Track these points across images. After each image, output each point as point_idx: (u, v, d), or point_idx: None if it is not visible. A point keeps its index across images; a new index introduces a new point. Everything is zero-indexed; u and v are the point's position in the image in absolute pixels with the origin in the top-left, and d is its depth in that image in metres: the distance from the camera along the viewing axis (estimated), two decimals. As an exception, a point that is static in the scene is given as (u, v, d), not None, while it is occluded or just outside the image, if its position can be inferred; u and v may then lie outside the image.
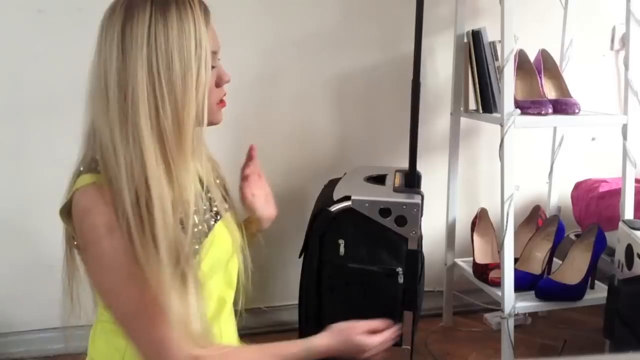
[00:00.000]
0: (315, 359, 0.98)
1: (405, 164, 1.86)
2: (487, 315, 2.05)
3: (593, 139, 2.18)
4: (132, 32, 0.85)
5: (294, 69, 1.90)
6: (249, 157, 1.15)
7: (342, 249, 1.38)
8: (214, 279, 1.00)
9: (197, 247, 0.93)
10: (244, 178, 1.13)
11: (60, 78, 1.75)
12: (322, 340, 0.98)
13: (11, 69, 1.74)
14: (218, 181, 1.08)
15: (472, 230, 1.92)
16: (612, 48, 2.13)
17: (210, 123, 0.99)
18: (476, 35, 1.72)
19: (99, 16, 0.93)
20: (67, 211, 0.90)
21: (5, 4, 1.70)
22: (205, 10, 0.92)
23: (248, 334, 1.15)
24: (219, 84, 0.97)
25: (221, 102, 0.99)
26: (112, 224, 0.83)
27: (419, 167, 1.86)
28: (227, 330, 1.07)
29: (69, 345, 1.80)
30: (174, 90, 0.85)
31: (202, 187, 1.00)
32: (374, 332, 1.01)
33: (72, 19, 1.72)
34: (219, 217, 1.01)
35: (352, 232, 1.40)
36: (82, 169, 0.91)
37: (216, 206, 1.02)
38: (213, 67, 0.93)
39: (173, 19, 0.86)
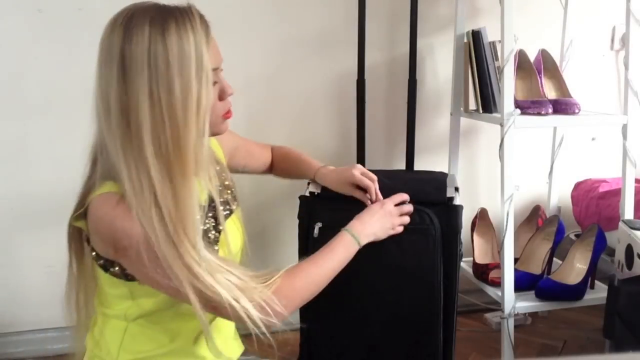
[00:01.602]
0: (359, 244, 1.13)
1: (404, 163, 1.87)
2: (487, 315, 2.06)
3: (593, 139, 2.18)
4: (132, 55, 0.84)
5: (294, 68, 1.90)
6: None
7: (316, 231, 1.35)
8: None
9: (216, 247, 0.97)
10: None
11: (60, 78, 1.75)
12: (352, 224, 1.16)
13: (11, 69, 1.74)
14: (227, 182, 1.10)
15: (472, 230, 1.92)
16: (612, 48, 2.13)
17: (215, 134, 1.00)
18: (476, 35, 1.72)
19: (99, 16, 0.93)
20: (80, 216, 0.91)
21: (5, 4, 1.70)
22: (206, 26, 0.90)
23: (247, 334, 1.15)
24: (222, 97, 0.97)
25: (227, 114, 0.99)
26: (140, 229, 0.85)
27: (420, 167, 1.87)
28: (225, 328, 1.07)
29: (71, 346, 1.81)
30: (175, 113, 0.85)
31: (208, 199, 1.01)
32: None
33: (72, 19, 1.73)
34: (223, 221, 1.02)
35: (329, 215, 1.37)
36: (99, 176, 0.92)
37: (227, 208, 1.05)
38: (215, 82, 0.93)
39: (172, 40, 0.85)
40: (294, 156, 1.41)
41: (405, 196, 1.27)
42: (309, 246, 1.34)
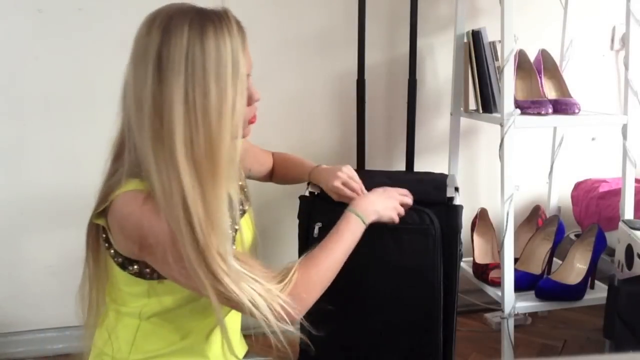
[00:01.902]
0: (364, 224, 1.13)
1: (404, 163, 1.86)
2: (487, 315, 2.06)
3: (593, 139, 2.18)
4: (169, 57, 0.84)
5: (294, 68, 1.90)
6: None
7: (316, 231, 1.35)
8: None
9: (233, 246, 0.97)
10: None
11: (60, 78, 1.75)
12: (355, 203, 1.17)
13: (11, 69, 1.74)
14: (240, 183, 1.11)
15: (472, 230, 1.92)
16: (612, 48, 2.13)
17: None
18: (476, 35, 1.72)
19: (100, 16, 0.93)
20: (101, 213, 0.90)
21: (5, 4, 1.70)
22: (242, 32, 0.90)
23: (248, 334, 1.15)
24: (249, 102, 0.97)
25: (252, 119, 1.00)
26: (167, 229, 0.85)
27: (420, 167, 1.86)
28: (232, 328, 1.08)
29: (79, 345, 1.81)
30: (208, 119, 0.85)
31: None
32: None
33: (72, 19, 1.72)
34: (238, 221, 1.02)
35: (329, 215, 1.37)
36: (125, 173, 0.90)
37: (241, 208, 1.06)
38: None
39: (210, 45, 0.84)
40: (292, 160, 1.42)
41: (406, 191, 1.28)
42: (309, 246, 1.34)
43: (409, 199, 1.27)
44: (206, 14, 0.88)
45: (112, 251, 0.93)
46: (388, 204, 1.22)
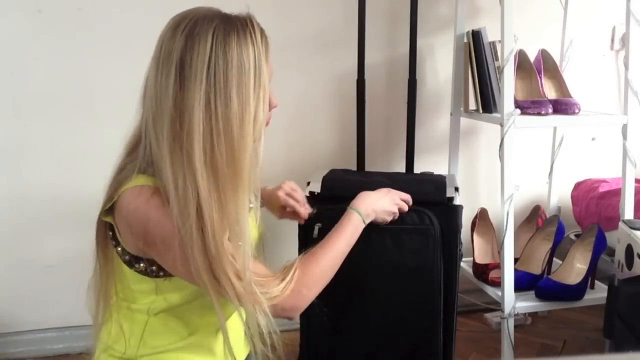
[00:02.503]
0: (364, 223, 1.14)
1: (404, 163, 1.86)
2: (487, 315, 2.06)
3: (593, 139, 2.18)
4: (191, 64, 0.84)
5: (294, 68, 1.90)
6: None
7: (315, 232, 1.35)
8: None
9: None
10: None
11: (60, 78, 1.75)
12: (357, 202, 1.17)
13: (11, 69, 1.74)
14: None
15: (472, 230, 1.92)
16: (612, 48, 2.13)
17: None
18: (476, 35, 1.72)
19: (100, 16, 0.94)
20: (109, 210, 0.90)
21: (5, 4, 1.70)
22: (266, 40, 0.91)
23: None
24: (268, 109, 0.95)
25: (267, 123, 0.98)
26: (173, 225, 0.85)
27: (420, 167, 1.86)
28: (236, 328, 1.08)
29: (80, 345, 1.82)
30: (230, 127, 0.85)
31: None
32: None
33: (72, 19, 1.72)
34: None
35: (329, 215, 1.37)
36: (135, 170, 0.90)
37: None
38: None
39: (234, 55, 0.85)
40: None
41: (408, 197, 1.28)
42: (308, 246, 1.34)
43: (406, 206, 1.28)
44: (231, 21, 0.88)
45: (119, 249, 0.93)
46: (387, 206, 1.23)
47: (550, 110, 1.62)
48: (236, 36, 0.86)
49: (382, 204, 1.21)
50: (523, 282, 1.66)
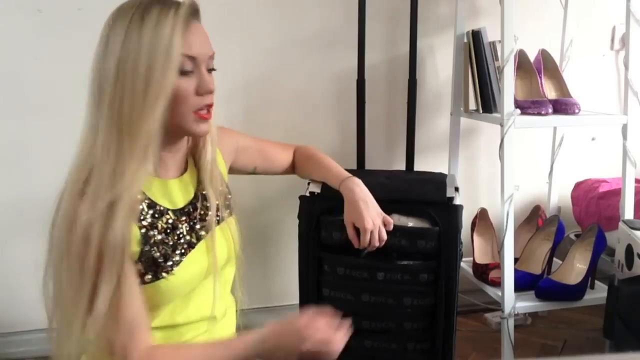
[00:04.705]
0: (259, 352, 0.92)
1: (404, 163, 1.86)
2: (487, 315, 2.06)
3: (593, 139, 2.18)
4: (114, 31, 0.90)
5: (294, 68, 1.90)
6: None
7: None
8: (196, 293, 0.99)
9: (177, 258, 0.95)
10: None
11: (60, 78, 1.75)
12: (262, 333, 0.92)
13: (11, 69, 1.74)
14: (220, 188, 1.07)
15: (472, 230, 1.92)
16: (612, 48, 2.13)
17: (187, 132, 0.99)
18: (476, 35, 1.72)
19: (99, 16, 0.94)
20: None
21: (5, 4, 1.70)
22: (191, 12, 0.92)
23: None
24: (198, 91, 0.94)
25: (199, 112, 0.95)
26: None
27: (420, 167, 1.86)
28: (227, 328, 1.07)
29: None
30: (135, 89, 0.88)
31: (199, 196, 1.01)
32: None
33: (72, 19, 1.72)
34: (209, 227, 1.01)
35: (329, 215, 1.37)
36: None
37: (217, 214, 1.03)
38: (190, 71, 0.93)
39: (151, 21, 0.89)
40: (318, 161, 1.36)
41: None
42: (309, 246, 1.34)
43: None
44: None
45: None
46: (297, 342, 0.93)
47: (550, 110, 1.63)
48: (159, 5, 0.90)
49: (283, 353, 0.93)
50: (523, 282, 1.67)
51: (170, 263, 0.93)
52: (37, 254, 1.02)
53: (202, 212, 1.00)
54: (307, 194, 1.38)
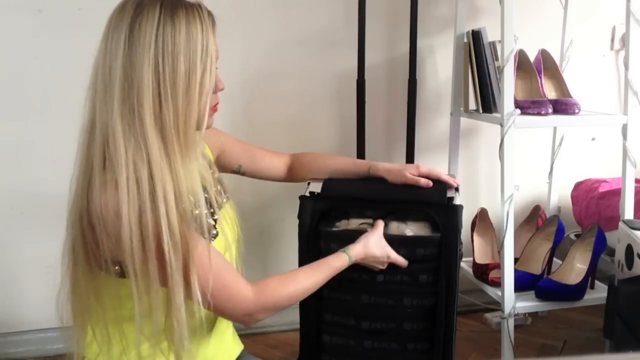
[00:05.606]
0: (350, 263, 1.17)
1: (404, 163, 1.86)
2: (487, 315, 2.06)
3: (593, 139, 2.18)
4: (140, 29, 0.86)
5: (294, 68, 1.91)
6: None
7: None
8: None
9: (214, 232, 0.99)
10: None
11: (60, 78, 1.75)
12: (358, 245, 1.20)
13: (11, 69, 1.74)
14: (216, 175, 1.11)
15: (472, 230, 1.92)
16: (612, 48, 2.13)
17: (201, 127, 0.99)
18: (476, 35, 1.72)
19: (100, 16, 0.94)
20: (81, 213, 0.89)
21: (5, 4, 1.70)
22: (212, 19, 0.94)
23: (248, 334, 1.15)
24: (214, 90, 0.97)
25: (215, 107, 1.01)
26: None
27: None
28: (223, 327, 1.08)
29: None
30: (176, 91, 0.87)
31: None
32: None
33: (72, 19, 1.73)
34: (217, 211, 1.03)
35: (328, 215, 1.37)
36: (91, 168, 0.91)
37: (219, 199, 1.06)
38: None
39: (182, 22, 0.87)
40: (328, 156, 1.43)
41: (402, 261, 1.28)
42: (309, 246, 1.34)
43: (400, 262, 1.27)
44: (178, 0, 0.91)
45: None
46: (378, 257, 1.23)
47: (550, 110, 1.62)
48: (184, 9, 0.89)
49: (376, 253, 1.22)
50: (523, 282, 1.67)
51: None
52: (36, 254, 1.02)
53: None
54: (307, 194, 1.38)
